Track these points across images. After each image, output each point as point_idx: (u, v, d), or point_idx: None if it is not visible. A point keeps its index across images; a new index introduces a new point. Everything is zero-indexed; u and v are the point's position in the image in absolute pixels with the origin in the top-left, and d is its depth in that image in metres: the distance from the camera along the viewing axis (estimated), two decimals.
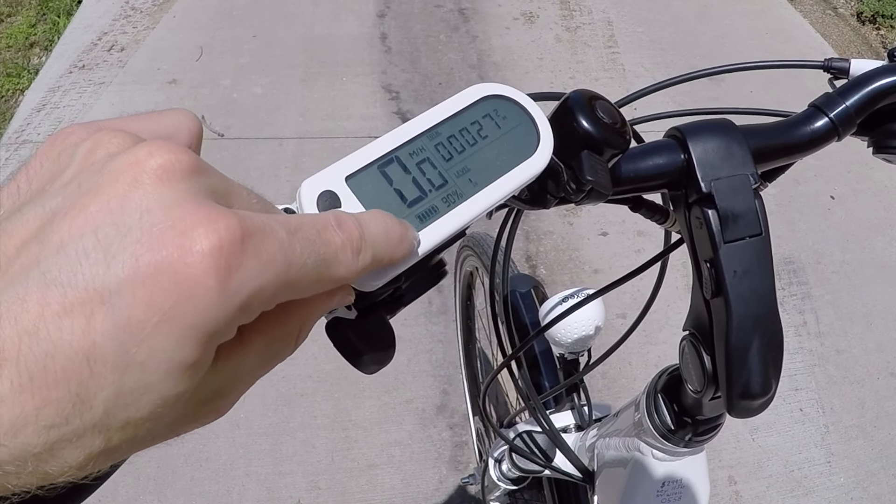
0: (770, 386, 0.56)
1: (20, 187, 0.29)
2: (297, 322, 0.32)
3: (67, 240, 0.25)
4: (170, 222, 0.25)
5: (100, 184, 0.26)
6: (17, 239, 0.26)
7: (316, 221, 0.30)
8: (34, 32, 3.58)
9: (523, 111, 0.44)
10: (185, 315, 0.25)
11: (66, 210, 0.26)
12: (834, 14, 3.90)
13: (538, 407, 0.93)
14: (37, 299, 0.24)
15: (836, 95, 0.59)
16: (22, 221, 0.26)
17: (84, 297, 0.24)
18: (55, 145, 0.30)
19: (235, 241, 0.26)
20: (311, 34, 3.49)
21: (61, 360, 0.24)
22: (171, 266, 0.25)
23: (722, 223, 0.52)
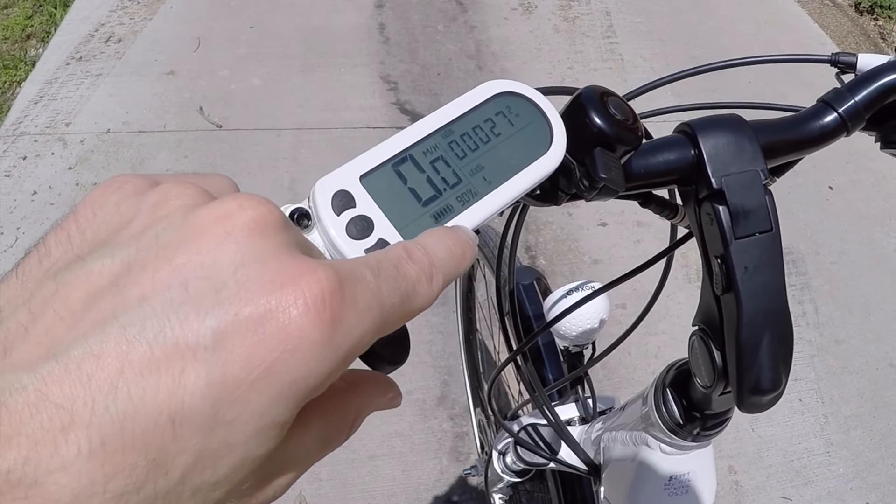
0: (780, 381, 0.56)
1: (71, 235, 0.27)
2: (355, 409, 0.31)
3: (151, 293, 0.24)
4: (268, 276, 0.25)
5: (185, 236, 0.25)
6: (81, 291, 0.25)
7: (390, 257, 0.30)
8: (31, 24, 3.57)
9: (536, 108, 0.44)
10: (285, 371, 0.24)
11: (146, 262, 0.25)
12: (832, 4, 3.89)
13: (544, 400, 0.93)
14: (115, 355, 0.23)
15: (844, 91, 0.59)
16: (86, 272, 0.25)
17: (173, 352, 0.23)
18: (108, 194, 0.29)
19: (335, 292, 0.25)
20: (308, 25, 3.48)
21: (142, 421, 0.22)
22: (274, 320, 0.24)
23: (733, 219, 0.52)
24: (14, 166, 2.74)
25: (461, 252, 0.33)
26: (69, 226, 0.28)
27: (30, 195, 2.64)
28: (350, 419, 0.31)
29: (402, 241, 0.33)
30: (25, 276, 0.27)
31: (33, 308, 0.25)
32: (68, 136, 2.87)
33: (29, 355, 0.23)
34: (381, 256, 0.29)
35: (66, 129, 2.90)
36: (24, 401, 0.21)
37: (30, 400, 0.21)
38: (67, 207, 2.57)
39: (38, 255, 0.27)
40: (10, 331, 0.24)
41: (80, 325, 0.24)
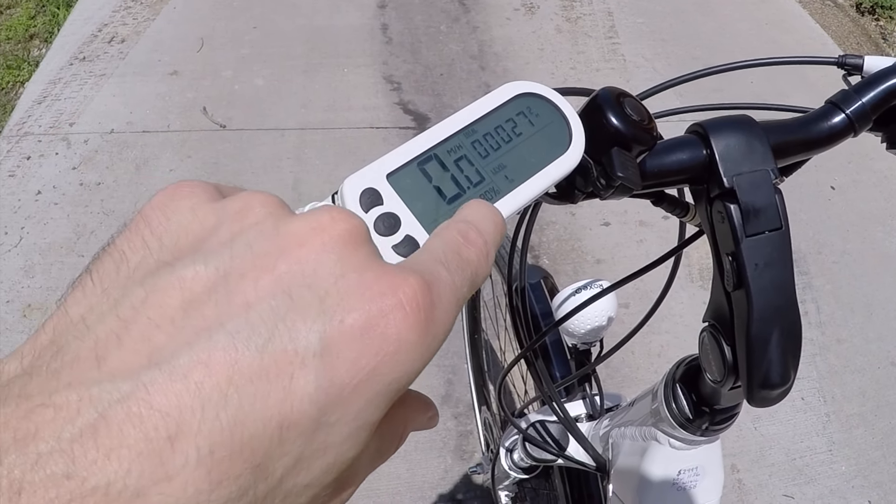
0: (789, 376, 0.57)
1: (147, 240, 0.27)
2: (402, 422, 0.32)
3: (255, 301, 0.24)
4: (367, 285, 0.26)
5: (283, 246, 0.26)
6: (176, 297, 0.25)
7: (452, 246, 0.31)
8: (34, 24, 3.58)
9: (555, 109, 0.45)
10: (386, 373, 0.25)
11: (244, 270, 0.25)
12: (833, 4, 3.90)
13: (553, 396, 0.94)
14: (224, 363, 0.23)
15: (852, 92, 0.60)
16: (178, 278, 0.25)
17: (283, 359, 0.23)
18: (180, 198, 0.28)
19: (426, 296, 0.26)
20: (311, 25, 3.49)
21: (251, 428, 0.23)
22: (376, 326, 0.25)
23: (744, 217, 0.54)
24: (18, 166, 2.75)
25: (501, 221, 0.35)
26: (141, 230, 0.28)
27: (34, 195, 2.65)
28: (399, 431, 0.32)
29: (454, 218, 0.34)
30: (105, 282, 0.26)
31: (122, 315, 0.24)
32: (72, 136, 2.88)
33: (126, 364, 0.23)
34: (445, 248, 0.30)
35: (69, 129, 2.91)
36: (125, 410, 0.21)
37: (132, 410, 0.21)
38: (71, 207, 2.59)
39: (112, 260, 0.27)
40: (100, 339, 0.24)
41: (182, 332, 0.24)
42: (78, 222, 2.56)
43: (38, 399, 0.22)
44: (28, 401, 0.22)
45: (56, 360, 0.23)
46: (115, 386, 0.22)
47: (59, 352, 0.24)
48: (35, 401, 0.22)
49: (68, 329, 0.25)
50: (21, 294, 2.36)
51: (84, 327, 0.24)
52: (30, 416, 0.21)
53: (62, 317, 0.25)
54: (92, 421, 0.21)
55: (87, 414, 0.21)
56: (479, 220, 0.33)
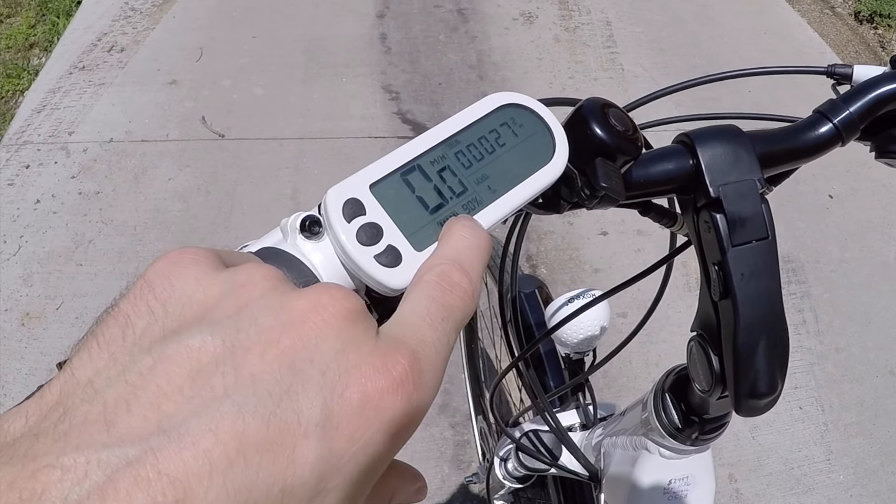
0: (776, 385, 0.57)
1: (152, 307, 0.28)
2: (390, 491, 0.33)
3: (260, 373, 0.25)
4: (363, 361, 0.27)
5: (286, 322, 0.27)
6: (183, 367, 0.25)
7: (434, 297, 0.32)
8: (34, 33, 3.59)
9: (539, 119, 0.45)
10: (380, 441, 0.27)
11: (251, 344, 0.26)
12: (832, 13, 3.91)
13: (545, 406, 0.94)
14: (232, 432, 0.23)
15: (839, 102, 0.60)
16: (185, 348, 0.26)
17: (287, 430, 0.24)
18: (184, 266, 0.29)
19: (415, 368, 0.28)
20: (310, 35, 3.50)
21: (255, 494, 0.23)
22: (372, 401, 0.26)
23: (730, 227, 0.54)
24: (17, 175, 2.75)
25: (485, 244, 0.37)
26: (146, 295, 0.28)
27: (33, 204, 2.66)
28: (386, 500, 0.33)
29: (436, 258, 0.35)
30: (111, 346, 0.27)
31: (131, 381, 0.25)
32: (71, 145, 2.88)
33: (135, 429, 0.23)
34: (428, 304, 0.32)
35: (68, 138, 2.91)
36: (133, 474, 0.22)
37: (140, 474, 0.22)
38: (70, 216, 2.59)
39: (118, 325, 0.27)
40: (108, 403, 0.24)
41: (191, 401, 0.24)
42: (76, 231, 2.57)
43: (46, 460, 0.22)
44: (35, 461, 0.22)
45: (64, 422, 0.24)
46: (124, 450, 0.22)
47: (67, 413, 0.24)
48: (42, 461, 0.22)
49: (75, 391, 0.25)
50: (19, 303, 2.36)
51: (92, 391, 0.25)
52: (37, 477, 0.21)
53: (69, 378, 0.26)
54: (100, 483, 0.21)
55: (96, 476, 0.21)
56: (460, 255, 0.35)
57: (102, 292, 2.38)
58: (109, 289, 2.38)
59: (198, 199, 2.68)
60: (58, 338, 2.25)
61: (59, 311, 2.33)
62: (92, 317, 2.32)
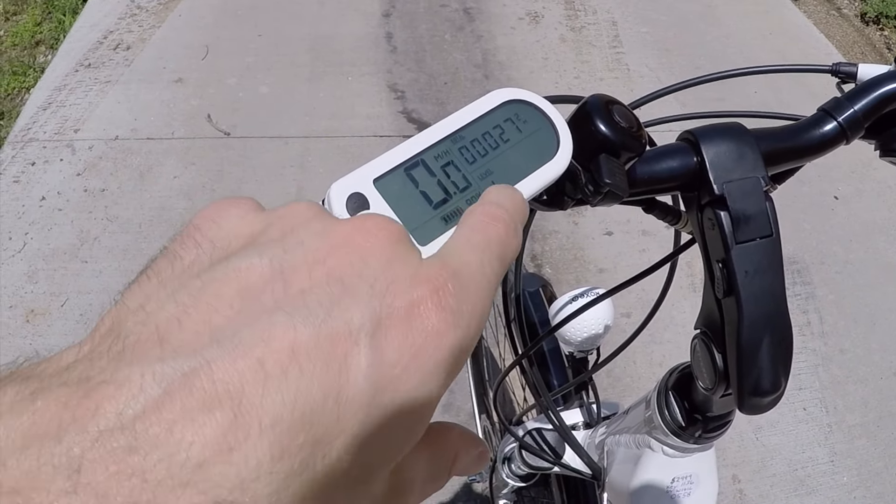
0: (780, 383, 0.57)
1: (199, 242, 0.29)
2: (453, 450, 0.34)
3: (310, 287, 0.26)
4: (409, 273, 0.28)
5: (332, 243, 0.28)
6: (233, 286, 0.26)
7: (477, 226, 0.33)
8: (40, 31, 3.60)
9: (543, 115, 0.45)
10: (431, 353, 0.27)
11: (297, 264, 0.27)
12: (838, 14, 3.91)
13: (549, 404, 0.94)
14: (285, 340, 0.24)
15: (844, 100, 0.60)
16: (234, 269, 0.26)
17: (338, 338, 0.25)
18: (226, 208, 0.30)
19: (457, 281, 0.29)
20: (316, 33, 3.50)
21: (311, 402, 0.23)
22: (417, 310, 0.27)
23: (734, 225, 0.54)
24: (23, 172, 2.76)
25: (521, 199, 0.37)
26: (193, 233, 0.29)
27: (38, 201, 2.66)
28: (450, 458, 0.34)
29: (479, 202, 0.36)
30: (161, 276, 0.27)
31: (181, 301, 0.25)
32: (77, 143, 2.89)
33: (189, 343, 0.24)
34: (471, 231, 0.33)
35: (74, 136, 2.92)
36: (188, 385, 0.22)
37: (195, 384, 0.22)
38: (75, 213, 2.60)
39: (167, 260, 0.28)
40: (161, 322, 0.25)
41: (241, 315, 0.25)
42: (82, 228, 2.57)
43: (100, 378, 0.22)
44: (88, 381, 0.22)
45: (118, 344, 0.24)
46: (179, 363, 0.22)
47: (120, 336, 0.24)
48: (96, 380, 0.22)
49: (128, 316, 0.25)
50: (24, 299, 2.36)
51: (144, 314, 0.25)
52: (90, 395, 0.21)
53: (121, 308, 0.26)
54: (155, 396, 0.21)
55: (151, 389, 0.22)
56: (501, 199, 0.36)
57: (107, 289, 2.38)
58: (114, 286, 2.38)
59: (203, 196, 2.68)
60: (62, 335, 2.25)
61: (64, 308, 2.34)
62: (97, 314, 2.31)
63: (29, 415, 0.21)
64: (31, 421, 0.21)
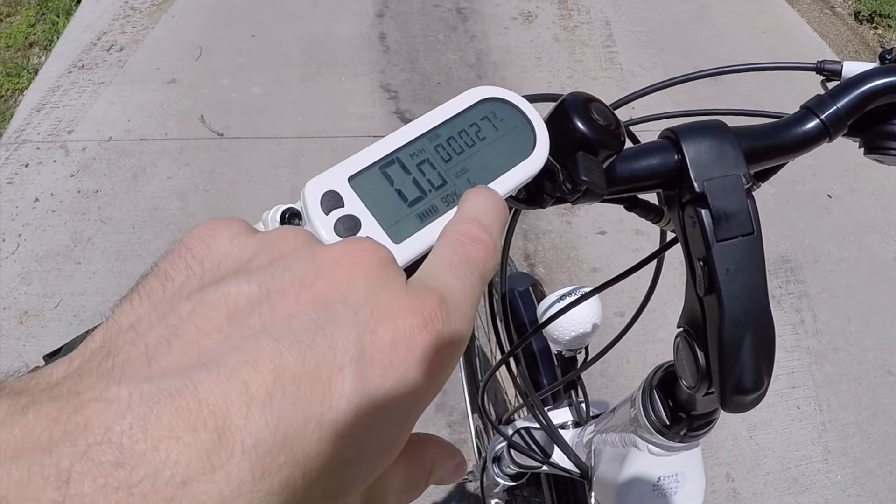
0: (762, 381, 0.57)
1: (190, 264, 0.29)
2: (430, 461, 0.34)
3: (296, 312, 0.26)
4: (394, 301, 0.28)
5: (319, 268, 0.29)
6: (222, 310, 0.26)
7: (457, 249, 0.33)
8: (33, 32, 3.59)
9: (520, 114, 0.45)
10: (413, 378, 0.27)
11: (285, 288, 0.27)
12: (831, 13, 3.91)
13: (536, 403, 0.94)
14: (270, 365, 0.24)
15: (827, 97, 0.60)
16: (223, 293, 0.27)
17: (322, 364, 0.25)
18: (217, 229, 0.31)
19: (443, 309, 0.29)
20: (309, 34, 3.50)
21: (293, 424, 0.24)
22: (403, 337, 0.27)
23: (715, 222, 0.54)
24: (16, 173, 2.76)
25: (501, 206, 0.37)
26: (184, 254, 0.30)
27: (31, 202, 2.66)
28: (426, 470, 0.34)
29: (456, 218, 0.36)
30: (152, 297, 0.28)
31: (171, 323, 0.26)
32: (70, 144, 2.88)
33: (177, 364, 0.24)
34: (451, 254, 0.33)
35: (68, 137, 2.92)
36: (174, 405, 0.23)
37: (181, 404, 0.23)
38: (69, 215, 2.59)
39: (158, 280, 0.29)
40: (150, 343, 0.25)
41: (229, 338, 0.25)
42: (75, 230, 2.57)
43: (89, 395, 0.23)
44: (78, 397, 0.23)
45: (107, 362, 0.25)
46: (166, 383, 0.23)
47: (110, 354, 0.25)
48: (86, 396, 0.23)
49: (118, 335, 0.26)
50: (18, 301, 2.36)
51: (134, 333, 0.26)
52: (80, 411, 0.22)
53: (112, 325, 0.27)
54: (142, 414, 0.22)
55: (138, 408, 0.22)
56: (480, 214, 0.36)
57: (101, 291, 2.38)
58: (108, 287, 2.38)
59: (196, 197, 2.68)
60: (56, 336, 2.25)
61: (58, 309, 2.34)
62: (90, 315, 2.32)
63: (21, 428, 0.22)
64: (22, 434, 0.22)
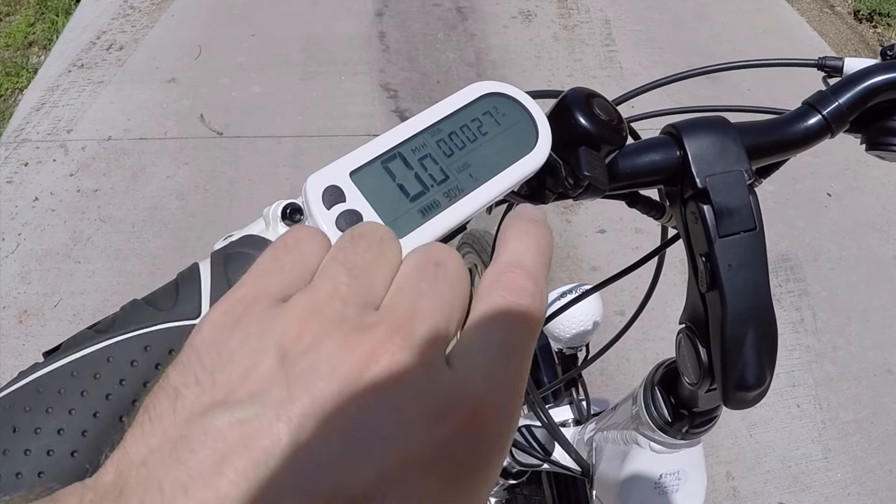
0: (765, 377, 0.57)
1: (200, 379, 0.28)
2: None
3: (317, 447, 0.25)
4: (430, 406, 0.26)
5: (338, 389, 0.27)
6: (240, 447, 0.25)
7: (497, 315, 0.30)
8: (33, 31, 3.59)
9: (522, 108, 0.45)
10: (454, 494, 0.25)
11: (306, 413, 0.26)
12: (831, 12, 3.91)
13: (537, 401, 0.94)
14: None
15: (829, 93, 0.60)
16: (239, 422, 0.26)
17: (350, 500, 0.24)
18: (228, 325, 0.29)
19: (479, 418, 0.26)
20: (309, 33, 3.49)
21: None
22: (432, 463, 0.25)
23: (717, 218, 0.53)
24: (16, 173, 2.75)
25: (545, 242, 0.34)
26: (194, 364, 0.28)
27: (31, 201, 2.66)
28: None
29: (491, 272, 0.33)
30: (162, 422, 0.26)
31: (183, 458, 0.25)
32: (70, 143, 2.88)
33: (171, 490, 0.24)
34: (492, 325, 0.30)
35: (67, 136, 2.91)
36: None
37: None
38: (68, 214, 2.59)
39: (168, 398, 0.27)
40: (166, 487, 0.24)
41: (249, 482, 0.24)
42: (75, 229, 2.57)
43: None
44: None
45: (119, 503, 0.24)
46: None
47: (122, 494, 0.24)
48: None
49: (131, 471, 0.25)
50: (17, 300, 2.36)
51: (146, 471, 0.25)
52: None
53: (123, 457, 0.26)
54: None
55: None
56: (521, 258, 0.32)
57: (100, 290, 2.38)
58: (107, 286, 2.38)
59: (196, 196, 2.68)
60: (55, 335, 2.24)
61: (57, 308, 2.33)
62: (90, 314, 2.32)
63: None
64: None
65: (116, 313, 0.38)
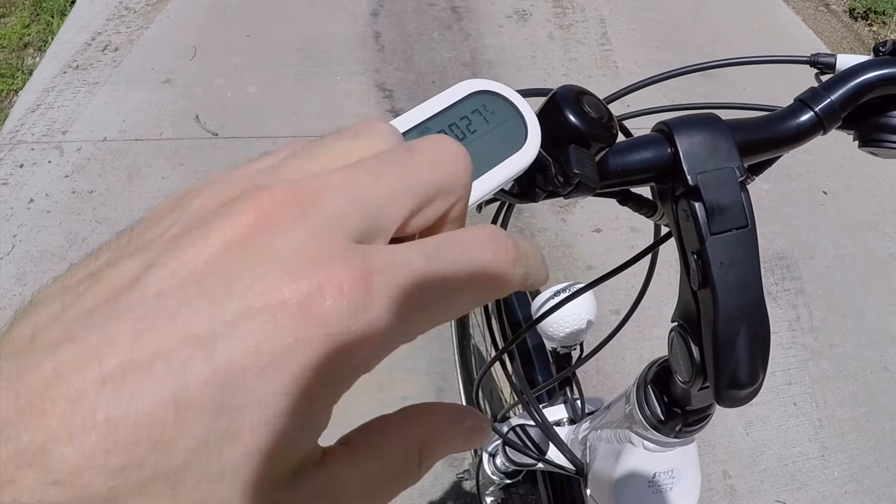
0: (757, 375, 0.57)
1: (120, 244, 0.28)
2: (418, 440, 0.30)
3: (168, 289, 0.25)
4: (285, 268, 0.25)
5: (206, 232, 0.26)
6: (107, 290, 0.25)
7: (460, 238, 0.29)
8: (28, 33, 3.58)
9: (511, 106, 0.45)
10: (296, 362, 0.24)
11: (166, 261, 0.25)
12: (826, 10, 3.91)
13: (531, 400, 0.94)
14: (127, 343, 0.24)
15: (821, 90, 0.60)
16: (116, 271, 0.26)
17: (181, 342, 0.24)
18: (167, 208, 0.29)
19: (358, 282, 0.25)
20: (304, 33, 3.49)
21: (146, 404, 0.23)
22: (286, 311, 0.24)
23: (708, 215, 0.53)
24: (11, 174, 2.75)
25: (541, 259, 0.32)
26: (122, 235, 0.29)
27: (26, 203, 2.65)
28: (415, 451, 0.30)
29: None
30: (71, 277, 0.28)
31: (65, 301, 0.26)
32: (65, 145, 2.88)
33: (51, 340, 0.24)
34: (446, 238, 0.28)
35: (62, 138, 2.91)
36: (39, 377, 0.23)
37: (45, 376, 0.23)
38: (64, 215, 2.59)
39: (87, 260, 0.28)
40: (40, 320, 0.25)
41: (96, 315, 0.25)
42: (70, 230, 2.56)
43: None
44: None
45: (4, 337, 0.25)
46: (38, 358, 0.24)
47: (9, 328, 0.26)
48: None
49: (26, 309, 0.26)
50: (13, 302, 2.35)
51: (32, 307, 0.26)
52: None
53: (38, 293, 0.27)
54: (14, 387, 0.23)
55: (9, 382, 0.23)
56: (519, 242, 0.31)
57: None
58: None
59: None
60: None
61: None
62: None
63: None
64: None
65: None
